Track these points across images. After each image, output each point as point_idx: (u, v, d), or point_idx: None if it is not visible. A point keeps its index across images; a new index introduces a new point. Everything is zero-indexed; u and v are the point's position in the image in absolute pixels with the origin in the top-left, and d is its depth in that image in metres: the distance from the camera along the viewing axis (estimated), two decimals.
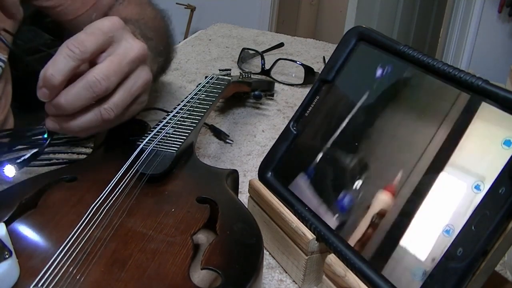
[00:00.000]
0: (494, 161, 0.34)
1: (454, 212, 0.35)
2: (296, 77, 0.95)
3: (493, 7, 2.63)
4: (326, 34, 3.77)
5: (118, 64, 0.46)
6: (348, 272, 0.38)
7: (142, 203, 0.43)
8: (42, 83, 0.44)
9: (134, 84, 0.48)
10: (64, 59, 0.44)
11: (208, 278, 0.36)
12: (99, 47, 0.46)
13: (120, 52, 0.47)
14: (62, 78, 0.44)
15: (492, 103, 0.36)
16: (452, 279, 0.32)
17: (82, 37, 0.45)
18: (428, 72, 0.40)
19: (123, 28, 0.48)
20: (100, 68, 0.45)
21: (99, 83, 0.44)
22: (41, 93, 0.44)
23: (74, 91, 0.44)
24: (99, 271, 0.34)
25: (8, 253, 0.33)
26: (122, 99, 0.47)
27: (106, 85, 0.45)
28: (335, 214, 0.42)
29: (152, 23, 0.68)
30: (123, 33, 0.48)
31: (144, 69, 0.50)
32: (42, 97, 0.45)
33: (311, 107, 0.48)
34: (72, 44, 0.44)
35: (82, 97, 0.44)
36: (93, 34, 0.46)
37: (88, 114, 0.46)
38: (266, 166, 0.49)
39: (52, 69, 0.44)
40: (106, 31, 0.46)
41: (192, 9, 3.04)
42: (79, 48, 0.44)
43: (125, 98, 0.47)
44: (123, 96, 0.47)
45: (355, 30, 0.48)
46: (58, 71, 0.43)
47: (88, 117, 0.46)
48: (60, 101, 0.44)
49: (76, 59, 0.44)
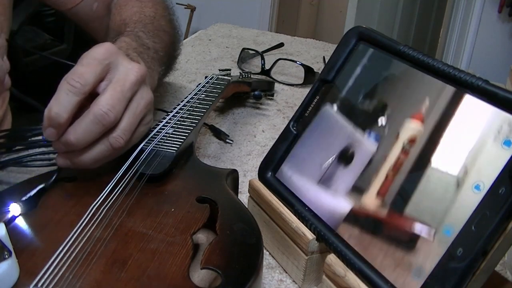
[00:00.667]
0: (494, 161, 0.34)
1: (454, 212, 0.35)
2: (296, 77, 0.95)
3: (493, 7, 2.63)
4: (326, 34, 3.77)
5: (120, 91, 0.45)
6: (348, 272, 0.38)
7: (142, 203, 0.43)
8: (48, 123, 0.43)
9: (137, 106, 0.47)
10: (67, 96, 0.43)
11: (208, 278, 0.36)
12: (98, 77, 0.45)
13: (120, 78, 0.46)
14: (68, 115, 0.43)
15: (492, 103, 0.36)
16: (452, 279, 0.32)
17: (80, 69, 0.44)
18: (428, 72, 0.40)
19: (117, 53, 0.47)
20: (104, 99, 0.44)
21: (107, 115, 0.44)
22: (48, 133, 0.43)
23: (83, 127, 0.43)
24: (99, 271, 0.34)
25: (8, 253, 0.33)
26: (129, 123, 0.46)
27: (114, 115, 0.44)
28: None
29: (151, 25, 0.67)
30: (118, 57, 0.47)
31: (145, 90, 0.49)
32: (50, 136, 0.44)
33: (311, 107, 0.48)
34: (71, 79, 0.43)
35: (92, 132, 0.44)
36: (90, 64, 0.45)
37: (98, 145, 0.45)
38: (266, 166, 0.49)
39: (56, 107, 0.43)
40: (102, 58, 0.45)
41: (192, 9, 3.04)
42: (79, 82, 0.43)
43: (131, 122, 0.46)
44: (130, 120, 0.46)
45: (355, 30, 0.48)
46: (63, 108, 0.43)
47: (98, 149, 0.45)
48: (70, 138, 0.43)
49: (78, 94, 0.43)
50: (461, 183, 0.35)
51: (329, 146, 0.45)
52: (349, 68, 0.47)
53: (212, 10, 3.04)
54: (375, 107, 0.43)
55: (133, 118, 0.47)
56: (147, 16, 0.68)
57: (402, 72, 0.43)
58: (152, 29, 0.66)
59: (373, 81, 0.44)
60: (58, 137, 0.44)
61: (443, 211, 0.35)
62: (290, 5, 3.48)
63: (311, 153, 0.46)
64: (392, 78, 0.43)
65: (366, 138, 0.43)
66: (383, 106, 0.43)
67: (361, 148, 0.43)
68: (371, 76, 0.45)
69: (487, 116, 0.35)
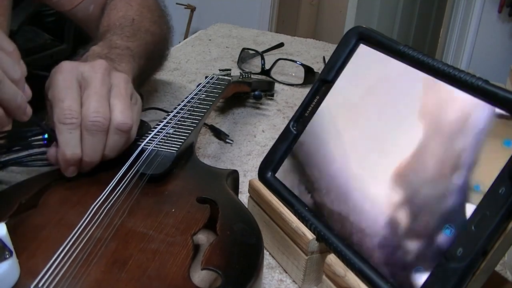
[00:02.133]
0: (494, 161, 0.34)
1: (454, 212, 0.35)
2: (296, 77, 0.95)
3: (493, 7, 2.63)
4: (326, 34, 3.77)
5: (94, 93, 0.46)
6: (348, 272, 0.38)
7: (142, 203, 0.43)
8: (67, 164, 0.45)
9: (119, 88, 0.48)
10: (71, 134, 0.44)
11: (208, 278, 0.36)
12: (80, 99, 0.46)
13: (89, 83, 0.47)
14: (80, 150, 0.45)
15: (492, 103, 0.36)
16: (452, 279, 0.32)
17: (64, 105, 0.45)
18: (428, 72, 0.40)
19: (75, 66, 0.48)
20: (85, 109, 0.45)
21: (96, 121, 0.45)
22: (70, 171, 0.45)
23: (86, 144, 0.45)
24: (100, 271, 0.34)
25: (8, 253, 0.33)
26: (121, 103, 0.47)
27: (102, 116, 0.45)
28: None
29: (129, 27, 0.68)
30: (78, 69, 0.48)
31: (115, 74, 0.50)
32: (72, 173, 0.45)
33: (311, 107, 0.49)
34: (65, 118, 0.44)
35: (96, 143, 0.45)
36: (67, 95, 0.45)
37: (109, 140, 0.46)
38: (266, 166, 0.49)
39: (69, 149, 0.44)
40: (70, 83, 0.46)
41: (192, 9, 3.04)
42: (74, 117, 0.44)
43: (122, 102, 0.47)
44: (120, 101, 0.47)
45: (355, 30, 0.48)
46: (75, 148, 0.44)
47: (111, 141, 0.46)
48: (84, 160, 0.45)
49: (77, 127, 0.45)
50: (461, 183, 0.35)
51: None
52: (349, 68, 0.47)
53: (212, 10, 3.04)
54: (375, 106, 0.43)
55: (121, 98, 0.48)
56: (127, 19, 0.70)
57: (402, 72, 0.42)
58: (130, 30, 0.67)
59: (373, 81, 0.44)
60: (78, 169, 0.46)
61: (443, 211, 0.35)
62: (290, 5, 3.48)
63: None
64: (392, 78, 0.43)
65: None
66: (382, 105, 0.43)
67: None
68: (371, 76, 0.45)
69: (487, 116, 0.36)
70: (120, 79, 0.50)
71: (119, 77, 0.50)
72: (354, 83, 0.46)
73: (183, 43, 1.15)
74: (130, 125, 0.47)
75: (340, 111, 0.46)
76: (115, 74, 0.50)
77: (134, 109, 0.50)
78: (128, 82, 0.51)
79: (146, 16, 0.73)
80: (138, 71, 0.62)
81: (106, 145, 0.46)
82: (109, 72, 0.49)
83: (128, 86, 0.50)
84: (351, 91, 0.46)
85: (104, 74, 0.48)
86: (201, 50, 1.09)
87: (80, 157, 0.45)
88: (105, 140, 0.46)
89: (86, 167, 0.46)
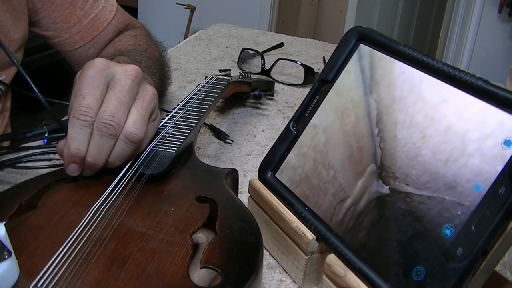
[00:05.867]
0: (494, 161, 0.34)
1: (454, 211, 0.35)
2: (296, 77, 0.95)
3: (493, 7, 2.63)
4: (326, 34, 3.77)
5: (116, 98, 0.46)
6: (348, 272, 0.38)
7: (141, 202, 0.43)
8: (70, 160, 0.44)
9: (143, 100, 0.48)
10: (81, 130, 0.44)
11: (207, 277, 0.36)
12: (101, 99, 0.46)
13: (116, 85, 0.47)
14: (86, 148, 0.44)
15: (492, 103, 0.36)
16: (452, 279, 0.32)
17: (84, 101, 0.45)
18: (428, 72, 0.40)
19: (108, 65, 0.48)
20: (102, 111, 0.45)
21: (109, 124, 0.44)
22: (72, 169, 0.45)
23: (93, 144, 0.45)
24: (99, 271, 0.34)
25: (7, 253, 0.33)
26: (139, 115, 0.47)
27: (115, 122, 0.45)
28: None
29: (145, 52, 0.69)
30: (110, 69, 0.47)
31: (145, 86, 0.50)
32: (73, 172, 0.45)
33: (311, 107, 0.48)
34: (80, 114, 0.44)
35: (104, 146, 0.45)
36: (90, 93, 0.45)
37: (116, 147, 0.46)
38: (266, 166, 0.49)
39: (75, 144, 0.44)
40: (98, 81, 0.46)
41: (192, 9, 3.04)
42: (89, 115, 0.44)
43: (141, 114, 0.47)
44: (138, 113, 0.47)
45: (355, 30, 0.48)
46: (81, 144, 0.44)
47: (118, 148, 0.46)
48: (88, 160, 0.45)
49: (90, 126, 0.44)
50: (460, 183, 0.35)
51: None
52: (349, 68, 0.47)
53: (212, 10, 3.04)
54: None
55: (141, 110, 0.47)
56: (141, 47, 0.71)
57: (402, 72, 0.42)
58: (146, 55, 0.69)
59: (372, 81, 0.44)
60: (80, 170, 0.45)
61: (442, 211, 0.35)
62: (290, 5, 3.48)
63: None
64: (392, 78, 0.43)
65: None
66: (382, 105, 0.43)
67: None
68: (371, 76, 0.45)
69: (487, 116, 0.35)
70: (147, 92, 0.49)
71: (147, 89, 0.49)
72: (354, 83, 0.46)
73: (183, 43, 1.15)
74: (140, 137, 0.46)
75: (340, 111, 0.46)
76: (145, 85, 0.50)
77: (150, 125, 0.49)
78: (155, 97, 0.50)
79: (154, 49, 0.75)
80: (157, 89, 0.62)
81: (112, 151, 0.46)
82: (140, 81, 0.49)
83: (153, 101, 0.49)
84: (351, 91, 0.46)
85: (134, 81, 0.48)
86: (201, 50, 1.09)
87: (83, 155, 0.44)
88: (112, 145, 0.45)
89: (88, 170, 0.45)
